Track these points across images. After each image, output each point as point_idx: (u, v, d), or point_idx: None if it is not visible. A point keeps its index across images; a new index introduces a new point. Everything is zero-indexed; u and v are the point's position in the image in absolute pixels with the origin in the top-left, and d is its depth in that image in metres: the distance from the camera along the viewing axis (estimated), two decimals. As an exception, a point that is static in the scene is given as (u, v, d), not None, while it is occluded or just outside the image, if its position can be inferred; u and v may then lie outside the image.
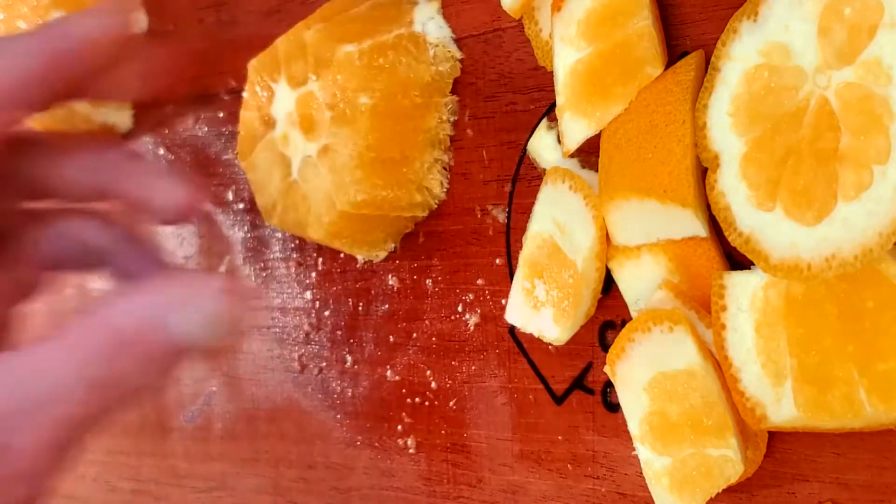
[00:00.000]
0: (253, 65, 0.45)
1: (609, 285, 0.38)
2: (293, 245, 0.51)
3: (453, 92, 0.43)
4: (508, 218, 0.42)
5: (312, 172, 0.43)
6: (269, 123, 0.45)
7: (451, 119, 0.43)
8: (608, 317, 0.39)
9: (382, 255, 0.46)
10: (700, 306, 0.34)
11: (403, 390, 0.47)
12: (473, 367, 0.44)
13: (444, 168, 0.44)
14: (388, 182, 0.42)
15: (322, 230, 0.43)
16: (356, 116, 0.41)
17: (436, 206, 0.44)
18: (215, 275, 0.42)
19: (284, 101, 0.44)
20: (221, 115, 0.52)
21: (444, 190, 0.44)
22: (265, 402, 0.53)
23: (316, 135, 0.43)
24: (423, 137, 0.43)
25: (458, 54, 0.43)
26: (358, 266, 0.48)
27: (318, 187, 0.42)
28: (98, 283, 0.61)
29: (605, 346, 0.39)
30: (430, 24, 0.43)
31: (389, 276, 0.47)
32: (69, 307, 0.63)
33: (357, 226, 0.43)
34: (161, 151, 0.56)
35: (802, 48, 0.31)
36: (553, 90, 0.37)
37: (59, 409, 0.28)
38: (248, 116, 0.46)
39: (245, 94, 0.45)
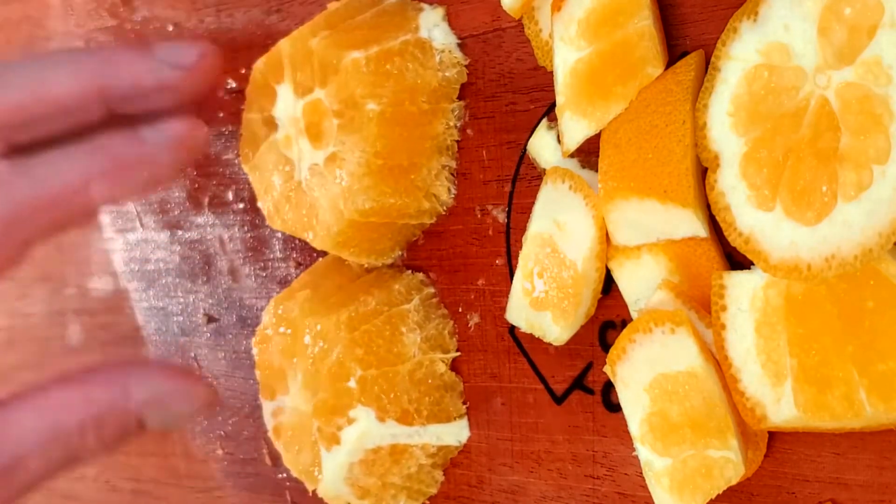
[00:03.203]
0: (258, 66, 0.45)
1: (609, 285, 0.38)
2: (293, 245, 0.51)
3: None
4: (508, 218, 0.42)
5: (319, 181, 0.42)
6: (272, 125, 0.44)
7: (458, 125, 0.43)
8: (608, 317, 0.39)
9: (389, 262, 0.46)
10: (700, 306, 0.34)
11: (403, 390, 0.47)
12: (473, 367, 0.44)
13: (452, 174, 0.44)
14: (396, 189, 0.42)
15: (330, 240, 0.43)
16: (364, 123, 0.40)
17: (444, 212, 0.44)
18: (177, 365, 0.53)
19: (287, 103, 0.44)
20: (221, 114, 0.52)
21: (452, 196, 0.44)
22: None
23: (323, 143, 0.42)
24: (431, 144, 0.43)
25: (465, 60, 0.43)
26: (358, 266, 0.48)
27: (326, 196, 0.42)
28: (98, 283, 0.61)
29: (605, 346, 0.39)
30: (436, 31, 0.43)
31: (389, 276, 0.47)
32: (69, 308, 0.63)
33: (365, 234, 0.43)
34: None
35: (802, 48, 0.31)
36: (553, 90, 0.37)
37: (29, 462, 0.34)
38: (250, 118, 0.45)
39: (247, 95, 0.45)
